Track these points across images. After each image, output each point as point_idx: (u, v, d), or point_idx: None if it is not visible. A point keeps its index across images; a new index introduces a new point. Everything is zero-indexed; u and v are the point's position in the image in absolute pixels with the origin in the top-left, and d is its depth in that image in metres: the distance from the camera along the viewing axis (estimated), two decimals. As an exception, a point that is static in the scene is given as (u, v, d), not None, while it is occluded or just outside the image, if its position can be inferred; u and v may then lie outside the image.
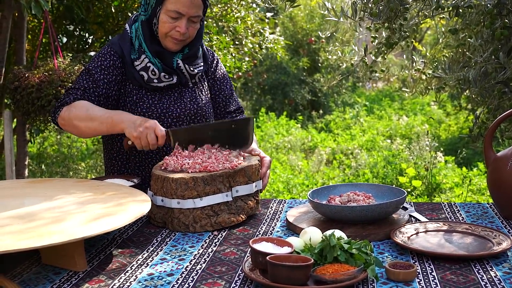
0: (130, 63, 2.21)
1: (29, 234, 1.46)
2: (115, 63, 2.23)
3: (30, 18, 4.50)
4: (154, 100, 2.24)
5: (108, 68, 2.22)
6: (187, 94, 2.30)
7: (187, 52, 2.25)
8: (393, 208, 1.81)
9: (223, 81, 2.44)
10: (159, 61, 2.21)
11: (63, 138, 7.80)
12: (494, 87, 2.77)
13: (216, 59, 2.45)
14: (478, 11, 2.96)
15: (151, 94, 2.24)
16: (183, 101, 2.28)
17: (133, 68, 2.21)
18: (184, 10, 2.12)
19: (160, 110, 2.24)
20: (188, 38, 2.20)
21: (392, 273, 1.45)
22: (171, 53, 2.22)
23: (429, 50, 4.11)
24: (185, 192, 1.84)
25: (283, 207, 2.13)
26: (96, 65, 2.22)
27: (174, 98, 2.27)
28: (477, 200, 5.62)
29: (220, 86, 2.43)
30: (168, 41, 2.19)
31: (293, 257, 1.45)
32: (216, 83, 2.42)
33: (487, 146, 1.98)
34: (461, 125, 9.25)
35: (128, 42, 2.23)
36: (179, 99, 2.28)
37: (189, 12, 2.13)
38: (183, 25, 2.14)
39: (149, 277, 1.51)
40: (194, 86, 2.32)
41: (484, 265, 1.53)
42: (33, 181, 2.09)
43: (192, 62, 2.27)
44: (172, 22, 2.14)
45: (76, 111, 2.12)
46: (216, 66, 2.43)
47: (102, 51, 2.26)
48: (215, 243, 1.76)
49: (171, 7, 2.12)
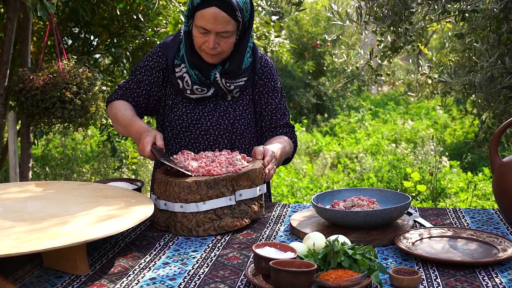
0: (171, 68, 2.22)
1: (31, 237, 1.46)
2: (160, 65, 2.26)
3: (35, 20, 4.50)
4: (187, 109, 2.24)
5: (152, 69, 2.27)
6: (222, 107, 2.24)
7: (227, 68, 2.20)
8: (397, 213, 1.79)
9: (272, 94, 2.33)
10: (197, 73, 2.19)
11: (68, 140, 7.81)
12: (500, 92, 2.75)
13: (269, 71, 2.33)
14: (484, 16, 2.95)
15: (186, 102, 2.24)
16: (215, 115, 2.23)
17: (173, 74, 2.22)
18: (209, 27, 2.08)
19: (190, 120, 2.23)
20: (222, 52, 2.15)
21: (396, 280, 1.43)
22: (209, 65, 2.19)
23: (435, 54, 4.09)
24: (188, 196, 1.83)
25: (287, 211, 2.12)
26: (142, 65, 2.29)
27: (207, 110, 2.24)
28: (482, 205, 5.60)
29: (268, 100, 2.32)
30: (203, 54, 2.16)
31: (296, 262, 1.44)
32: (264, 96, 2.32)
33: (493, 152, 1.96)
34: (467, 129, 9.22)
35: (176, 45, 2.24)
36: (212, 112, 2.24)
37: (215, 28, 2.07)
38: (211, 40, 2.09)
39: (151, 282, 1.50)
40: (233, 99, 2.26)
41: (489, 272, 1.51)
42: (36, 184, 2.09)
43: (231, 77, 2.21)
44: (202, 37, 2.11)
45: (112, 111, 2.27)
46: (267, 77, 2.32)
47: (152, 51, 2.30)
48: (218, 247, 1.75)
49: (198, 22, 2.10)
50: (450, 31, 4.00)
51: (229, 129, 2.25)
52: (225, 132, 2.25)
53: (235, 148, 2.27)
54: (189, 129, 2.23)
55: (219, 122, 2.24)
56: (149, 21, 4.56)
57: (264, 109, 2.32)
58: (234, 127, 2.25)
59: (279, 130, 2.33)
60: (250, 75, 2.25)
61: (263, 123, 2.34)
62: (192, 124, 2.23)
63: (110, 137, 4.88)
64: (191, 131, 2.24)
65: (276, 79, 2.35)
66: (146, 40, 4.65)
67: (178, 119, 2.24)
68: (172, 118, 2.25)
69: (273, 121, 2.33)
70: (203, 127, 2.23)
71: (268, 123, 2.33)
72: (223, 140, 2.25)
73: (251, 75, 2.26)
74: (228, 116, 2.25)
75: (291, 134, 2.35)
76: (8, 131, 3.76)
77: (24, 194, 1.90)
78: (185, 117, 2.24)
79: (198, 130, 2.23)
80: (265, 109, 2.32)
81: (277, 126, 2.34)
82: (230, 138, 2.26)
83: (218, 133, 2.24)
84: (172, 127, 2.27)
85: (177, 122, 2.24)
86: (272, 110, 2.33)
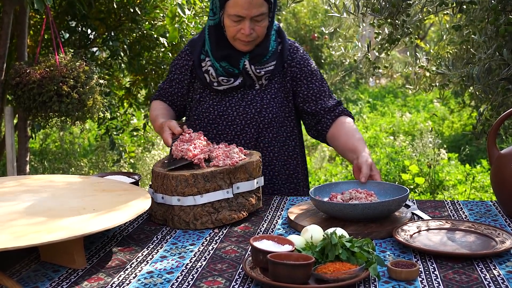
0: (198, 63, 2.25)
1: (28, 231, 1.45)
2: (188, 63, 2.32)
3: (31, 13, 4.48)
4: (214, 101, 2.25)
5: (181, 67, 2.34)
6: (250, 96, 2.24)
7: (254, 51, 2.20)
8: (395, 206, 1.79)
9: (311, 78, 2.30)
10: (224, 65, 2.21)
11: (65, 135, 7.80)
12: (498, 84, 2.75)
13: (300, 56, 2.31)
14: (482, 7, 2.94)
15: (213, 95, 2.26)
16: (242, 104, 2.24)
17: (199, 69, 2.25)
18: (243, 13, 2.08)
19: (217, 112, 2.24)
20: (257, 37, 2.16)
21: (394, 272, 1.43)
22: (238, 54, 2.20)
23: (432, 46, 4.08)
24: (185, 189, 1.82)
25: (284, 204, 2.11)
26: (173, 64, 2.38)
27: (234, 100, 2.24)
28: (480, 197, 5.60)
29: (308, 85, 2.29)
30: (237, 43, 2.17)
31: (294, 255, 1.44)
32: (302, 81, 2.29)
33: (491, 144, 1.96)
34: (465, 122, 9.22)
35: (202, 41, 2.28)
36: (239, 101, 2.24)
37: (249, 13, 2.08)
38: (247, 27, 2.10)
39: (149, 275, 1.49)
40: (261, 87, 2.26)
41: (487, 264, 1.51)
42: (33, 178, 2.08)
43: (260, 62, 2.21)
44: (235, 25, 2.12)
45: (151, 112, 2.40)
46: (300, 63, 2.30)
47: (182, 49, 2.37)
48: (216, 240, 1.75)
49: (231, 11, 2.10)
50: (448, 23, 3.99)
51: (255, 118, 2.23)
52: (251, 121, 2.23)
53: (262, 137, 2.25)
54: (215, 121, 2.23)
55: (245, 111, 2.23)
56: (146, 15, 4.54)
57: (306, 95, 2.29)
58: (261, 115, 2.23)
59: (335, 112, 2.30)
60: (278, 61, 2.24)
61: (309, 109, 2.30)
62: (218, 116, 2.23)
63: (108, 131, 4.87)
64: (218, 123, 2.24)
65: (311, 63, 2.33)
66: (143, 34, 4.63)
67: (205, 111, 2.25)
68: (199, 112, 2.27)
69: (323, 104, 2.30)
70: (230, 117, 2.23)
71: (319, 107, 2.29)
72: (249, 129, 2.24)
73: (279, 61, 2.25)
74: (255, 105, 2.23)
75: (346, 111, 2.33)
76: (5, 125, 3.75)
77: (21, 188, 1.89)
78: (211, 109, 2.25)
79: (225, 121, 2.23)
80: (307, 94, 2.29)
81: (331, 108, 2.30)
82: (257, 127, 2.24)
83: (244, 123, 2.23)
84: (200, 120, 2.28)
85: (204, 115, 2.25)
86: (316, 94, 2.30)
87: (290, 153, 2.31)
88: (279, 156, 2.28)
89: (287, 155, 2.30)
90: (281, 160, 2.29)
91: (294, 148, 2.32)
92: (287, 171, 2.31)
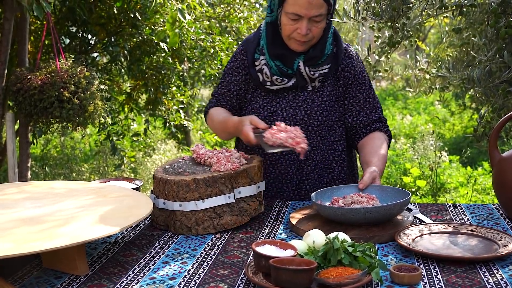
0: (251, 62, 2.22)
1: (30, 238, 1.45)
2: (243, 63, 2.27)
3: (32, 19, 4.49)
4: (265, 101, 2.22)
5: (237, 68, 2.29)
6: (301, 98, 2.20)
7: (310, 53, 2.15)
8: (397, 209, 1.79)
9: (360, 87, 2.25)
10: (278, 64, 2.16)
11: (66, 140, 7.80)
12: (499, 86, 2.74)
13: (355, 62, 2.26)
14: (482, 10, 2.94)
15: (264, 95, 2.23)
16: (292, 105, 2.19)
17: (253, 68, 2.21)
18: (302, 12, 2.03)
19: (267, 112, 2.21)
20: (313, 38, 2.11)
21: (396, 276, 1.43)
22: (293, 54, 2.15)
23: (432, 49, 4.09)
24: (186, 194, 1.82)
25: (286, 208, 2.11)
26: (229, 66, 2.32)
27: (285, 101, 2.20)
28: (482, 200, 5.59)
29: (356, 93, 2.25)
30: (292, 43, 2.12)
31: (296, 260, 1.43)
32: (352, 89, 2.25)
33: (492, 147, 1.96)
34: (466, 124, 9.22)
35: (257, 39, 2.23)
36: (290, 102, 2.20)
37: (308, 13, 2.03)
38: (304, 26, 2.05)
39: (151, 281, 1.49)
40: (313, 89, 2.21)
41: (490, 268, 1.51)
42: (35, 184, 2.08)
43: (315, 64, 2.17)
44: (292, 24, 2.07)
45: (210, 121, 2.35)
46: (353, 69, 2.25)
47: (236, 51, 2.33)
48: (218, 246, 1.74)
49: (289, 9, 2.04)
50: (448, 26, 3.99)
51: (305, 120, 2.19)
52: (300, 123, 2.19)
53: (310, 140, 2.17)
54: (265, 121, 2.17)
55: (295, 112, 2.19)
56: (146, 20, 4.55)
57: (351, 104, 2.25)
58: (311, 118, 2.19)
59: (372, 126, 2.26)
60: (332, 64, 2.20)
61: (350, 119, 2.26)
62: (268, 116, 2.20)
63: (109, 136, 4.87)
64: (267, 123, 2.15)
65: (363, 72, 2.28)
66: (144, 39, 4.64)
67: (255, 111, 2.22)
68: (249, 111, 2.24)
69: (364, 117, 2.26)
70: (279, 118, 2.19)
71: (360, 119, 2.26)
72: None
73: (334, 64, 2.20)
74: (306, 107, 2.19)
75: (385, 128, 2.28)
76: (7, 131, 3.75)
77: (22, 195, 1.89)
78: (261, 110, 2.22)
79: (274, 122, 2.15)
80: (353, 103, 2.25)
81: (370, 122, 2.26)
82: (306, 129, 2.18)
83: (293, 124, 2.17)
84: None
85: (255, 115, 2.18)
86: (360, 105, 2.25)
87: (336, 158, 2.26)
88: (324, 160, 2.24)
89: (332, 159, 2.25)
90: (325, 164, 2.24)
91: (340, 154, 2.26)
92: (330, 175, 2.26)
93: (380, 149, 2.19)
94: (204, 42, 4.70)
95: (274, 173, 2.26)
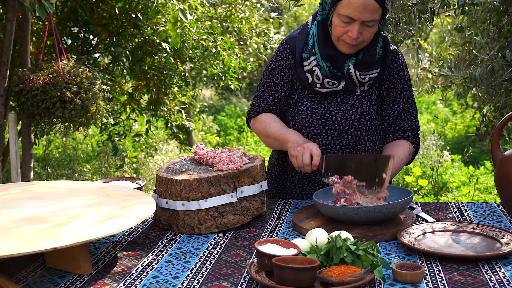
0: (299, 62, 2.13)
1: (34, 238, 1.46)
2: (290, 62, 2.18)
3: (34, 20, 4.49)
4: (313, 103, 2.15)
5: (284, 68, 2.20)
6: (350, 101, 2.14)
7: (361, 58, 2.10)
8: (399, 208, 1.79)
9: (401, 92, 2.19)
10: (328, 65, 2.09)
11: (69, 140, 7.81)
12: (501, 85, 2.74)
13: (400, 66, 2.20)
14: (484, 9, 2.94)
15: (312, 97, 2.16)
16: (341, 109, 2.14)
17: (301, 68, 2.13)
18: (356, 15, 1.96)
19: (315, 115, 2.14)
20: (362, 42, 2.05)
21: (399, 275, 1.43)
22: (343, 57, 2.09)
23: (435, 48, 4.09)
24: (189, 194, 1.83)
25: (288, 207, 2.11)
26: (274, 66, 2.21)
27: (334, 104, 2.14)
28: (484, 199, 5.59)
29: (396, 98, 2.19)
30: (341, 45, 2.06)
31: (299, 259, 1.44)
32: (393, 93, 2.19)
33: (495, 145, 1.96)
34: (468, 123, 9.21)
35: (304, 38, 2.15)
36: (339, 106, 2.14)
37: (362, 17, 1.97)
38: (355, 30, 1.99)
39: (155, 280, 1.50)
40: (362, 93, 2.16)
41: (493, 266, 1.51)
42: (38, 184, 2.09)
43: (365, 68, 2.11)
44: (344, 26, 2.01)
45: (258, 126, 2.22)
46: (398, 73, 2.19)
47: (280, 49, 2.22)
48: (221, 245, 1.75)
49: (342, 11, 1.98)
50: (450, 25, 3.99)
51: (354, 125, 2.14)
52: (350, 127, 2.14)
53: (359, 145, 2.16)
54: (312, 124, 2.14)
55: (344, 117, 2.13)
56: (148, 20, 4.55)
57: (390, 108, 2.20)
58: (360, 122, 2.14)
59: (401, 134, 2.21)
60: (382, 67, 2.14)
61: (385, 123, 2.22)
62: (316, 119, 2.14)
63: (111, 136, 4.88)
64: (314, 126, 2.15)
65: (407, 76, 2.22)
66: (145, 39, 4.64)
67: (302, 113, 2.16)
68: (296, 113, 2.17)
69: (397, 122, 2.21)
70: (328, 121, 2.14)
71: (393, 124, 2.21)
72: (347, 135, 2.15)
73: (383, 68, 2.15)
74: (355, 111, 2.14)
75: (413, 138, 2.22)
76: (9, 132, 3.76)
77: (26, 195, 1.90)
78: (309, 112, 2.15)
79: (322, 125, 2.14)
80: (391, 107, 2.20)
81: (400, 129, 2.21)
82: (355, 134, 2.15)
83: (342, 128, 2.14)
84: (295, 121, 2.18)
85: (301, 117, 2.16)
86: (398, 110, 2.20)
87: None
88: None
89: None
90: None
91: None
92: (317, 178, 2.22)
93: (400, 156, 2.15)
94: (206, 42, 4.71)
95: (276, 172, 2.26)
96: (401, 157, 2.16)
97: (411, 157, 2.24)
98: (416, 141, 2.24)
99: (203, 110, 9.97)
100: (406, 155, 2.18)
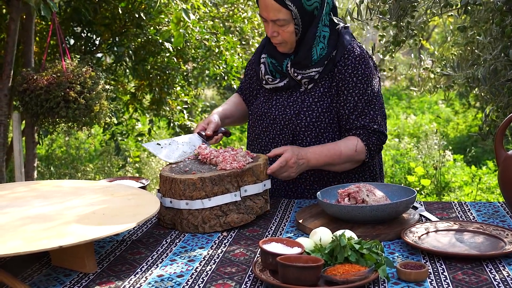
0: (257, 59, 2.30)
1: (39, 236, 1.47)
2: (257, 59, 2.32)
3: (37, 20, 4.51)
4: (265, 98, 2.28)
5: (252, 64, 2.39)
6: (293, 98, 2.19)
7: (293, 58, 2.16)
8: (403, 207, 1.79)
9: (352, 90, 2.12)
10: (273, 62, 2.22)
11: (71, 140, 7.82)
12: (504, 85, 2.74)
13: (352, 64, 2.13)
14: (487, 8, 2.94)
15: (264, 92, 2.30)
16: (284, 105, 2.19)
17: (257, 65, 2.30)
18: (264, 15, 2.09)
19: (263, 110, 2.25)
20: (284, 42, 2.12)
21: (403, 273, 1.44)
22: (282, 55, 2.19)
23: (437, 48, 4.09)
24: (193, 193, 1.83)
25: (292, 206, 2.12)
26: (251, 61, 2.41)
27: (280, 100, 2.22)
28: (486, 198, 5.59)
29: (347, 96, 2.13)
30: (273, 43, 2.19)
31: (303, 257, 1.44)
32: (343, 92, 2.14)
33: (498, 145, 1.96)
34: (470, 123, 9.21)
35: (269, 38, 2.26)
36: (283, 102, 2.20)
37: (268, 16, 2.07)
38: (269, 29, 2.11)
39: (159, 279, 1.50)
40: (306, 90, 2.18)
41: (497, 265, 1.52)
42: (43, 183, 2.10)
43: (302, 67, 2.15)
44: (265, 26, 2.14)
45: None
46: (348, 72, 2.13)
47: (259, 44, 2.38)
48: (225, 243, 1.75)
49: (259, 11, 2.13)
50: (452, 25, 4.00)
51: (293, 120, 2.16)
52: (289, 123, 2.16)
53: (299, 140, 2.17)
54: (261, 117, 2.26)
55: (285, 112, 2.18)
56: (151, 20, 4.56)
57: (342, 106, 2.15)
58: (299, 118, 2.15)
59: (352, 132, 2.14)
60: (326, 67, 2.14)
61: (341, 123, 2.17)
62: (264, 113, 2.25)
63: (113, 136, 4.89)
64: (263, 120, 2.25)
65: (361, 75, 2.13)
66: (148, 39, 4.65)
67: (255, 107, 2.30)
68: (253, 107, 2.33)
69: (350, 121, 2.14)
70: (271, 116, 2.22)
71: (344, 122, 2.15)
72: (287, 130, 2.17)
73: (328, 67, 2.14)
74: (295, 107, 2.17)
75: (364, 137, 2.12)
76: (13, 131, 3.77)
77: (31, 193, 1.91)
78: (260, 106, 2.27)
79: (267, 120, 2.23)
80: (342, 106, 2.14)
81: (351, 128, 2.13)
82: (294, 130, 2.16)
83: (283, 124, 2.18)
84: (252, 115, 2.33)
85: (255, 111, 2.30)
86: (349, 109, 2.13)
87: None
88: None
89: None
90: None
91: None
92: (325, 177, 2.22)
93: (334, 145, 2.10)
94: (208, 42, 4.71)
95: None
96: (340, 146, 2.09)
97: (363, 155, 2.12)
98: (369, 141, 2.12)
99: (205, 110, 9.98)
100: (349, 147, 2.09)
